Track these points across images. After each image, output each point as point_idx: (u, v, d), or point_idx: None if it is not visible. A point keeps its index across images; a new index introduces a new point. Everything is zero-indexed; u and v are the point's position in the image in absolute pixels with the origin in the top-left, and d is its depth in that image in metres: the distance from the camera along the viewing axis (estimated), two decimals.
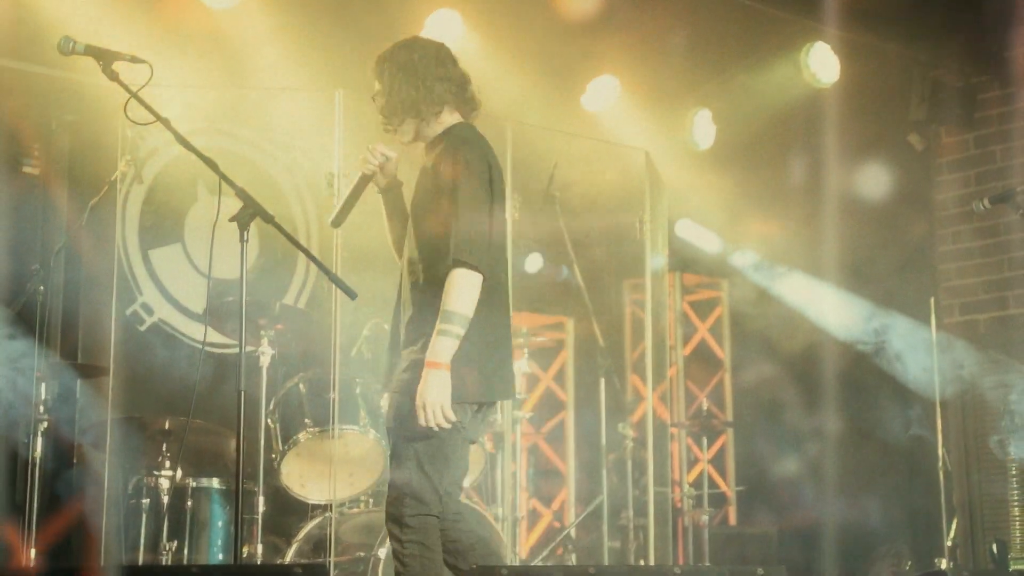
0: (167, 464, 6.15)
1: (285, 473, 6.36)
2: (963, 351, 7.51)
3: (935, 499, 7.25)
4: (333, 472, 6.28)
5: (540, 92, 7.58)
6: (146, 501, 6.11)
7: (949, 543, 7.25)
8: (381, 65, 4.58)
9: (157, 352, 7.27)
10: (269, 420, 6.34)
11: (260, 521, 6.08)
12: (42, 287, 6.10)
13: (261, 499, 6.10)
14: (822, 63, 8.04)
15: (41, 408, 5.89)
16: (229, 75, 6.97)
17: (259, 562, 6.02)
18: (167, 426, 6.21)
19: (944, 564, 7.17)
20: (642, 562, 7.64)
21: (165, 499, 6.11)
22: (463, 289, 4.26)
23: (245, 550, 5.98)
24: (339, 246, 6.20)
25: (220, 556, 6.25)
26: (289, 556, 6.17)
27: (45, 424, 5.89)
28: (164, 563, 5.98)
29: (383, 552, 5.89)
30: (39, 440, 5.86)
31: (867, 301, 8.69)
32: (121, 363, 6.71)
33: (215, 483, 6.30)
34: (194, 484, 6.22)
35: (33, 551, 5.79)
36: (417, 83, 4.49)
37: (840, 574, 8.39)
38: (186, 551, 6.14)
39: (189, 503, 6.19)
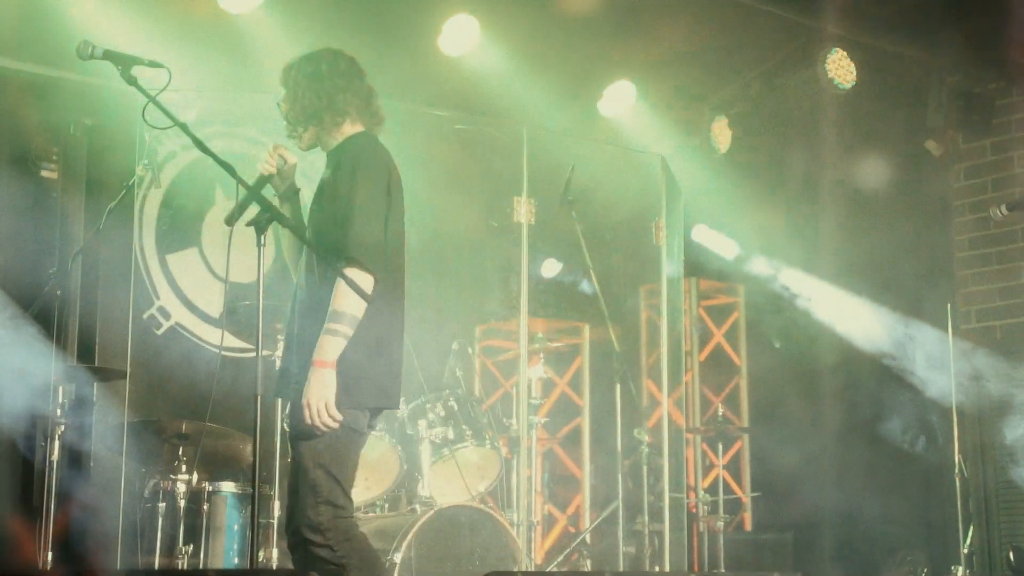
0: (183, 468, 6.17)
1: None
2: (981, 358, 7.49)
3: (951, 506, 7.23)
4: None
5: (557, 97, 7.59)
6: (162, 505, 6.12)
7: (965, 550, 7.23)
8: (287, 72, 4.67)
9: (174, 356, 7.28)
10: (285, 424, 6.35)
11: (276, 525, 6.08)
12: (59, 291, 6.12)
13: (277, 503, 6.10)
14: (839, 69, 8.02)
15: (58, 412, 5.91)
16: (247, 79, 6.99)
17: (275, 566, 6.03)
18: (184, 430, 6.22)
19: (960, 572, 7.15)
20: (657, 568, 7.63)
21: (181, 503, 6.13)
22: (353, 290, 4.26)
23: (261, 554, 5.99)
24: None
25: (236, 560, 6.25)
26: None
27: (62, 427, 5.90)
28: (180, 567, 5.99)
29: (398, 557, 5.90)
30: (56, 443, 5.87)
31: (883, 307, 8.67)
32: (138, 367, 6.74)
33: (231, 487, 6.30)
34: (210, 488, 6.23)
35: (50, 554, 5.81)
36: (320, 92, 4.58)
37: None
38: (202, 555, 6.15)
39: (205, 507, 6.19)
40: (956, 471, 7.16)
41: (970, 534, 7.31)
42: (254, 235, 4.19)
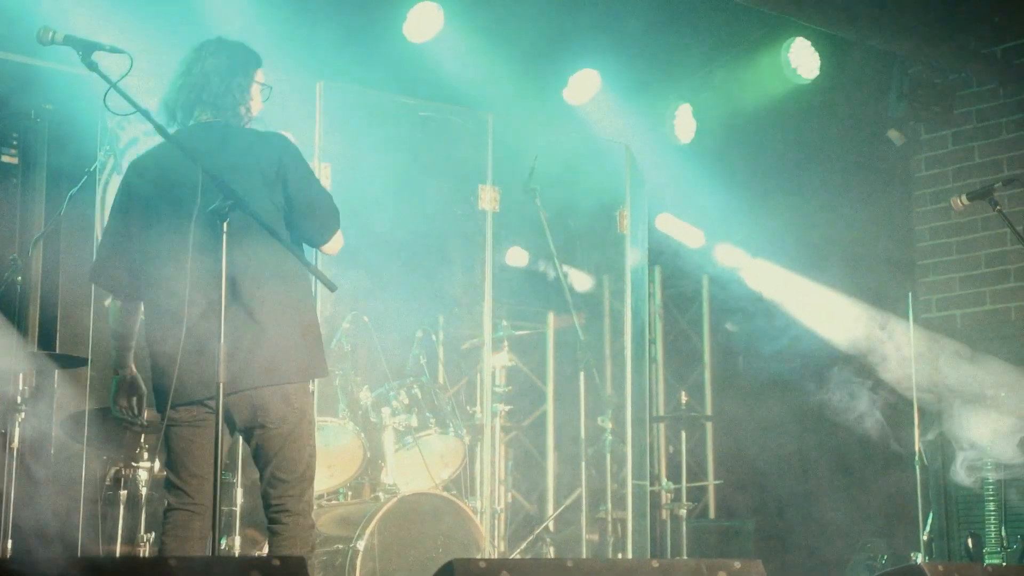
0: (145, 455, 6.14)
1: None
2: (941, 346, 7.55)
3: (911, 494, 7.29)
4: None
5: (521, 85, 7.59)
6: (124, 492, 6.09)
7: (925, 537, 7.29)
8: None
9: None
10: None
11: (239, 513, 6.07)
12: (20, 277, 6.07)
13: (240, 491, 6.08)
14: (802, 59, 8.06)
15: (19, 399, 5.87)
16: None
17: (237, 554, 6.01)
18: (145, 417, 6.18)
19: (920, 558, 7.21)
20: (620, 555, 7.66)
21: (143, 491, 6.10)
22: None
23: (224, 542, 5.97)
24: None
25: None
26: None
27: (22, 414, 5.86)
28: (142, 554, 5.97)
29: (361, 544, 5.90)
30: (16, 430, 5.83)
31: (845, 295, 8.73)
32: (99, 354, 6.68)
33: None
34: None
35: (9, 542, 5.77)
36: (175, 83, 4.63)
37: (816, 567, 8.42)
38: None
39: None
40: (916, 459, 7.22)
41: (929, 521, 7.37)
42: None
